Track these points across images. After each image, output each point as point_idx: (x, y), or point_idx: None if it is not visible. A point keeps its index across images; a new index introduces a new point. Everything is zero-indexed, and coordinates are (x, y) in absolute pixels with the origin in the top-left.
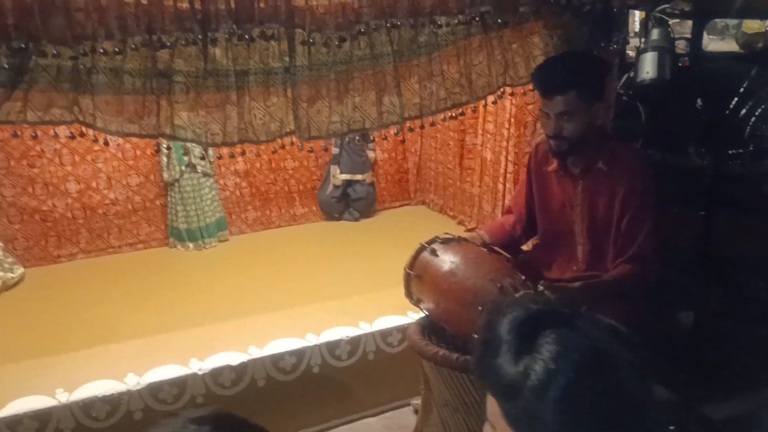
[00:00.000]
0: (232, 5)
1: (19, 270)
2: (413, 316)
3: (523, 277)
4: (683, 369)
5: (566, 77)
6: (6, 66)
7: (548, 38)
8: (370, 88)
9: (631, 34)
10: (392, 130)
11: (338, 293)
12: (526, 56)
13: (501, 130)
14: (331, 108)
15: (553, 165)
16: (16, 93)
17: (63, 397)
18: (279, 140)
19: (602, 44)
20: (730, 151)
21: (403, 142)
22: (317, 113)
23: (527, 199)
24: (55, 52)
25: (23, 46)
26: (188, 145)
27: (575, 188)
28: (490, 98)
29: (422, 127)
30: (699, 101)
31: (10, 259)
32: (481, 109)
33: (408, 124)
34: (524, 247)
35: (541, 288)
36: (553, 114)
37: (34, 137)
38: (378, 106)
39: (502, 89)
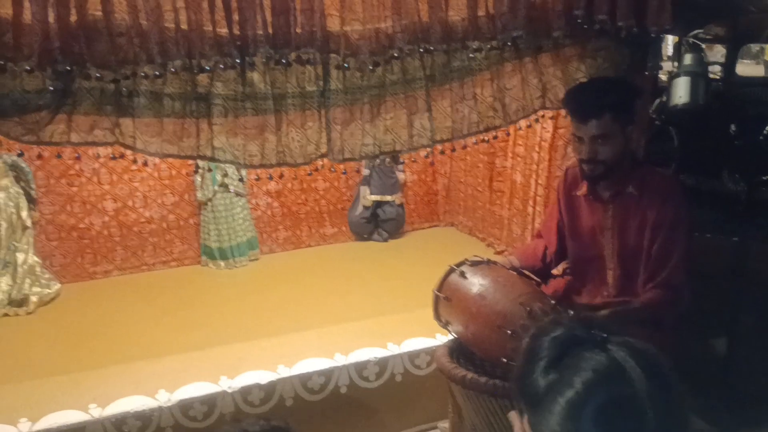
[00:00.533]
0: (270, 30)
1: (56, 286)
2: (441, 338)
3: (553, 302)
4: (715, 397)
5: (601, 100)
6: (51, 88)
7: (588, 62)
8: (401, 111)
9: (664, 59)
10: (423, 153)
11: (367, 314)
12: (566, 80)
13: (531, 153)
14: (363, 130)
15: (583, 189)
16: (60, 115)
17: (96, 412)
18: (314, 163)
19: (639, 68)
20: (763, 177)
21: (432, 164)
22: (350, 135)
23: (558, 224)
24: (98, 75)
25: (68, 69)
26: (225, 166)
27: (605, 213)
28: (525, 122)
29: (453, 150)
30: (732, 126)
31: (47, 275)
32: (511, 132)
33: (439, 147)
34: (554, 272)
35: (571, 313)
36: (587, 138)
37: (77, 158)
38: (409, 128)
39: (539, 113)
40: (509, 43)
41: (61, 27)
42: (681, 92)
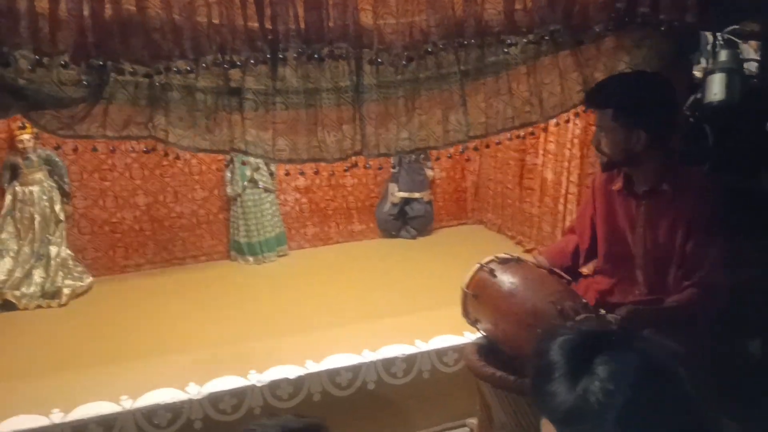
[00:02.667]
0: (302, 25)
1: (88, 279)
2: (470, 336)
3: (584, 300)
4: (747, 399)
5: (603, 94)
6: (86, 82)
7: (630, 54)
8: (436, 107)
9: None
10: (456, 149)
11: (394, 310)
12: (608, 72)
13: (563, 150)
14: (399, 126)
15: (618, 184)
16: (95, 109)
17: (127, 403)
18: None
19: (680, 64)
20: None
21: (468, 160)
22: (386, 131)
23: (591, 219)
24: (132, 69)
25: (102, 63)
26: (255, 161)
27: (638, 209)
28: (564, 117)
29: (488, 146)
30: None
31: (79, 268)
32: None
33: (473, 143)
34: (584, 271)
35: (602, 312)
36: (598, 127)
37: (112, 151)
38: (444, 124)
39: (579, 109)
40: (546, 37)
41: (95, 22)
42: (716, 89)
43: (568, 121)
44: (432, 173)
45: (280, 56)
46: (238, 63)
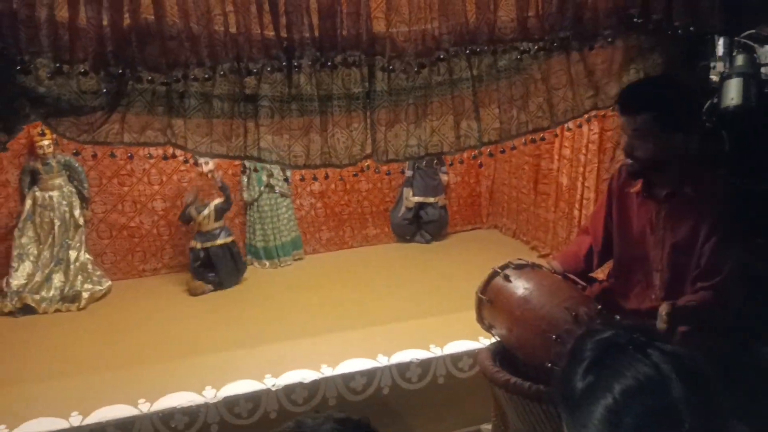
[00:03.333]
0: (316, 34)
1: (107, 283)
2: (485, 341)
3: (599, 306)
4: (761, 403)
5: (643, 97)
6: (105, 90)
7: (639, 62)
8: (448, 112)
9: (716, 60)
10: (468, 154)
11: (409, 315)
12: (619, 78)
13: (578, 155)
14: (408, 132)
15: (637, 187)
16: (114, 116)
17: (145, 407)
18: (359, 164)
19: (690, 68)
20: None
21: (480, 166)
22: (395, 137)
23: (605, 222)
24: (149, 77)
25: (120, 72)
26: (270, 166)
27: (658, 212)
28: (574, 123)
29: (502, 151)
30: None
31: (98, 272)
32: (558, 133)
33: (488, 149)
34: (598, 276)
35: (617, 317)
36: (628, 131)
37: (130, 158)
38: (456, 130)
39: (590, 113)
40: (556, 44)
41: (114, 31)
42: (732, 94)
43: (580, 126)
44: (447, 178)
45: (295, 64)
46: (254, 71)
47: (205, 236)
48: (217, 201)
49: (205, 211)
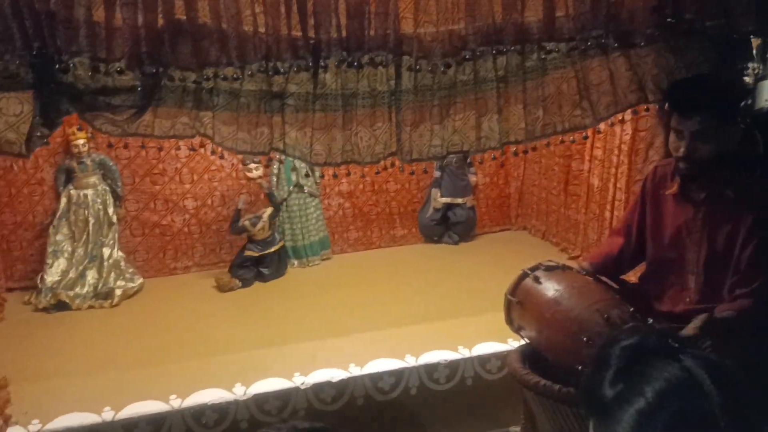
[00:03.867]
0: (344, 34)
1: (139, 280)
2: (513, 343)
3: (632, 309)
4: None
5: (709, 96)
6: (139, 88)
7: (673, 62)
8: (471, 112)
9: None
10: (499, 153)
11: (436, 316)
12: (655, 76)
13: (610, 156)
14: (432, 132)
15: (673, 188)
16: (146, 112)
17: (176, 403)
18: (382, 162)
19: (725, 69)
20: None
21: (502, 166)
22: (419, 137)
23: (639, 223)
24: (181, 76)
25: (154, 70)
26: (297, 164)
27: (696, 214)
28: (607, 122)
29: (526, 151)
30: None
31: (131, 270)
32: (589, 134)
33: (512, 148)
34: (630, 278)
35: (650, 321)
36: (687, 133)
37: (160, 150)
38: (477, 130)
39: (633, 108)
40: (590, 43)
41: (148, 31)
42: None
43: (613, 125)
44: (475, 179)
45: (322, 64)
46: (282, 70)
47: (260, 245)
48: (269, 211)
49: (259, 225)
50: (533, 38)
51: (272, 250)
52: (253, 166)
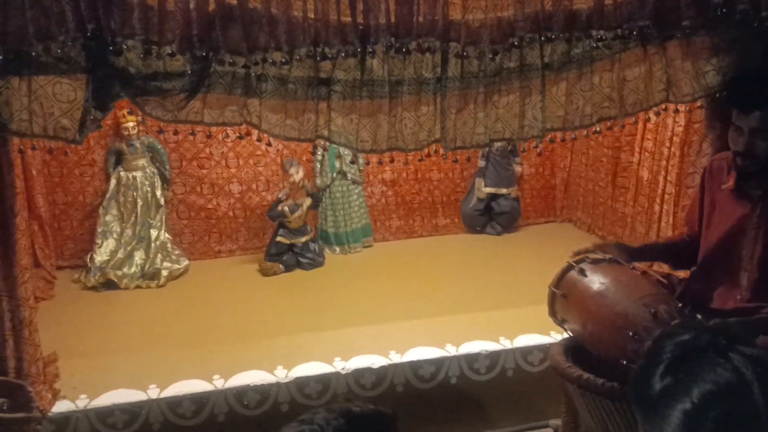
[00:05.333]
0: (392, 19)
1: (185, 262)
2: (555, 336)
3: (680, 304)
4: None
5: (764, 93)
6: (189, 72)
7: (720, 55)
8: (515, 100)
9: None
10: (535, 143)
11: (478, 306)
12: (694, 73)
13: (661, 148)
14: (476, 119)
15: (730, 183)
16: (196, 97)
17: (219, 383)
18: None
19: None
20: None
21: (540, 154)
22: (463, 124)
23: (699, 216)
24: (231, 60)
25: (204, 54)
26: (341, 151)
27: (753, 211)
28: (651, 114)
29: (563, 140)
30: None
31: (177, 252)
32: (639, 126)
33: (549, 135)
34: (679, 274)
35: (699, 317)
36: (747, 129)
37: (209, 137)
38: (520, 118)
39: (662, 106)
40: (635, 33)
41: (199, 14)
42: None
43: (659, 114)
44: (520, 169)
45: (370, 50)
46: (330, 56)
47: (293, 233)
48: (308, 201)
49: (297, 212)
50: (581, 26)
51: (302, 239)
52: (292, 170)
